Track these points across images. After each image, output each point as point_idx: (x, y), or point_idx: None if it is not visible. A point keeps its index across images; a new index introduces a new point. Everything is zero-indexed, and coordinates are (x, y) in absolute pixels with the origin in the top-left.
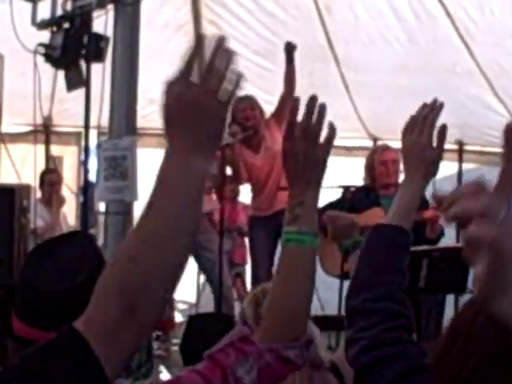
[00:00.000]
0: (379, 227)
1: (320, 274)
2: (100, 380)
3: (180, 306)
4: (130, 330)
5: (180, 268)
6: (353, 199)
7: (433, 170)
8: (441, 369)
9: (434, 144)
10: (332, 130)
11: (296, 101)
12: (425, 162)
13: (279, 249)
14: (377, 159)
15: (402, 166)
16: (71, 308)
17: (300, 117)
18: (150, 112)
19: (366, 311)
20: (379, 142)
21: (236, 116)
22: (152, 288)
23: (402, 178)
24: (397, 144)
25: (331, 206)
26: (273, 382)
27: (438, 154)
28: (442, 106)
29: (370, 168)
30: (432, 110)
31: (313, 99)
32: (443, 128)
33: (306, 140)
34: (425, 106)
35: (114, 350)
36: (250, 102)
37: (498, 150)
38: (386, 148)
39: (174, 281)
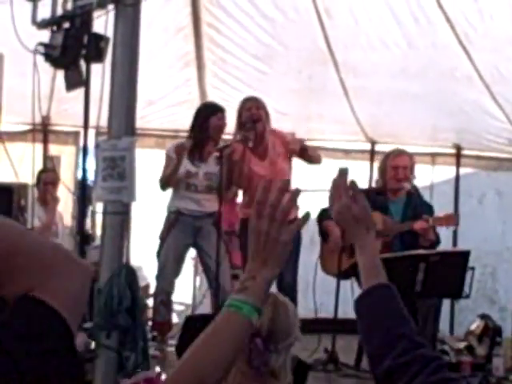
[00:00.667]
0: (364, 297)
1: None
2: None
3: (176, 307)
4: None
5: None
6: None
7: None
8: None
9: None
10: (305, 217)
11: (268, 181)
12: (361, 219)
13: None
14: (389, 164)
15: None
16: None
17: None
18: (148, 113)
19: (404, 364)
20: (377, 146)
21: (241, 115)
22: None
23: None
24: (395, 147)
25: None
26: None
27: (363, 206)
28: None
29: (382, 172)
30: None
31: (286, 182)
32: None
33: (271, 220)
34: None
35: None
36: (256, 103)
37: (496, 154)
38: (399, 153)
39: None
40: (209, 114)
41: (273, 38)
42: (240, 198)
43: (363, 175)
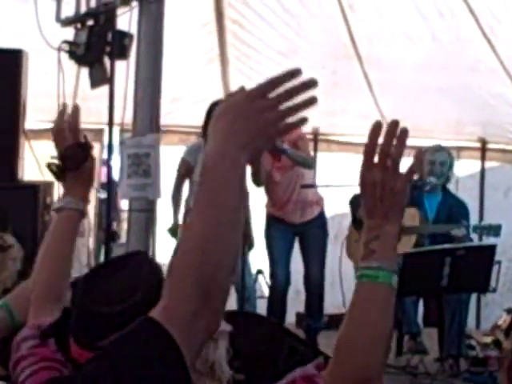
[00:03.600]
0: None
1: (344, 274)
2: (182, 370)
3: None
4: (205, 319)
5: (237, 255)
6: None
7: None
8: None
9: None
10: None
11: (377, 125)
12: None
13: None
14: (426, 159)
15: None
16: None
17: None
18: (173, 110)
19: None
20: None
21: None
22: (222, 276)
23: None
24: (419, 142)
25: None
26: None
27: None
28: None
29: (419, 166)
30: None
31: (394, 124)
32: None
33: (384, 168)
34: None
35: (193, 339)
36: None
37: None
38: (438, 149)
39: (233, 268)
40: None
41: (296, 34)
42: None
43: None
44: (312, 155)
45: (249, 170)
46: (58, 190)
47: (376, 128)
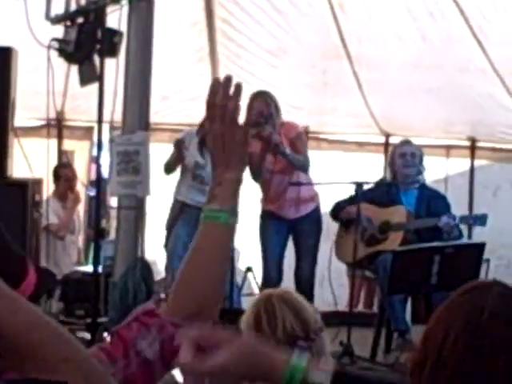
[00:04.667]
0: None
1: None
2: None
3: None
4: None
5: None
6: (373, 192)
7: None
8: (418, 380)
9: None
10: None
11: (215, 81)
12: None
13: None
14: (397, 152)
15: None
16: None
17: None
18: (162, 108)
19: None
20: (392, 138)
21: (250, 111)
22: None
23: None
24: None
25: (350, 200)
26: (178, 355)
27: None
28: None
29: (391, 163)
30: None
31: (228, 79)
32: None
33: (223, 121)
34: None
35: None
36: (264, 97)
37: (511, 146)
38: (406, 142)
39: None
40: None
41: (286, 33)
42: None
43: (377, 168)
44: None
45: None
46: (47, 187)
47: (214, 84)
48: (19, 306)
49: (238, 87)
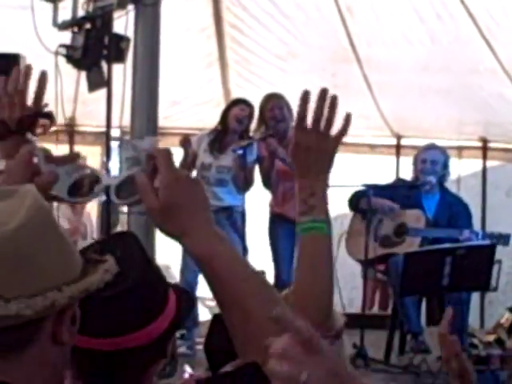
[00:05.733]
0: None
1: (343, 274)
2: None
3: (209, 303)
4: None
5: None
6: (394, 192)
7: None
8: None
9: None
10: (347, 122)
11: (305, 93)
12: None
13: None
14: (418, 158)
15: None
16: (123, 313)
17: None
18: (173, 113)
19: None
20: (403, 140)
21: (263, 113)
22: None
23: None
24: (421, 141)
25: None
26: None
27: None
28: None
29: (414, 165)
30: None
31: (324, 91)
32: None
33: (317, 132)
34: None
35: None
36: (279, 101)
37: None
38: (429, 147)
39: None
40: (231, 105)
41: (295, 38)
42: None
43: (390, 170)
44: None
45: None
46: None
47: (305, 95)
48: (236, 255)
49: (334, 99)
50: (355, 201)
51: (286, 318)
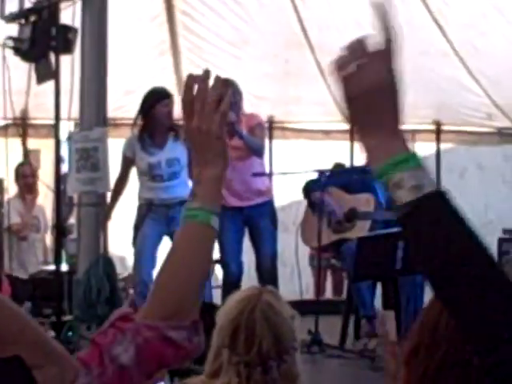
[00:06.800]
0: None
1: (301, 260)
2: None
3: None
4: None
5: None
6: (349, 178)
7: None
8: (412, 366)
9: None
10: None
11: (189, 77)
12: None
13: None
14: None
15: None
16: None
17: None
18: (126, 103)
19: None
20: None
21: None
22: None
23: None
24: None
25: (314, 182)
26: (155, 361)
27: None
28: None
29: None
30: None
31: (206, 72)
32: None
33: (200, 114)
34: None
35: None
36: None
37: (475, 129)
38: None
39: None
40: (154, 101)
41: (247, 24)
42: None
43: (344, 155)
44: (266, 144)
45: None
46: (8, 187)
47: (189, 80)
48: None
49: (218, 79)
50: (307, 192)
51: None
